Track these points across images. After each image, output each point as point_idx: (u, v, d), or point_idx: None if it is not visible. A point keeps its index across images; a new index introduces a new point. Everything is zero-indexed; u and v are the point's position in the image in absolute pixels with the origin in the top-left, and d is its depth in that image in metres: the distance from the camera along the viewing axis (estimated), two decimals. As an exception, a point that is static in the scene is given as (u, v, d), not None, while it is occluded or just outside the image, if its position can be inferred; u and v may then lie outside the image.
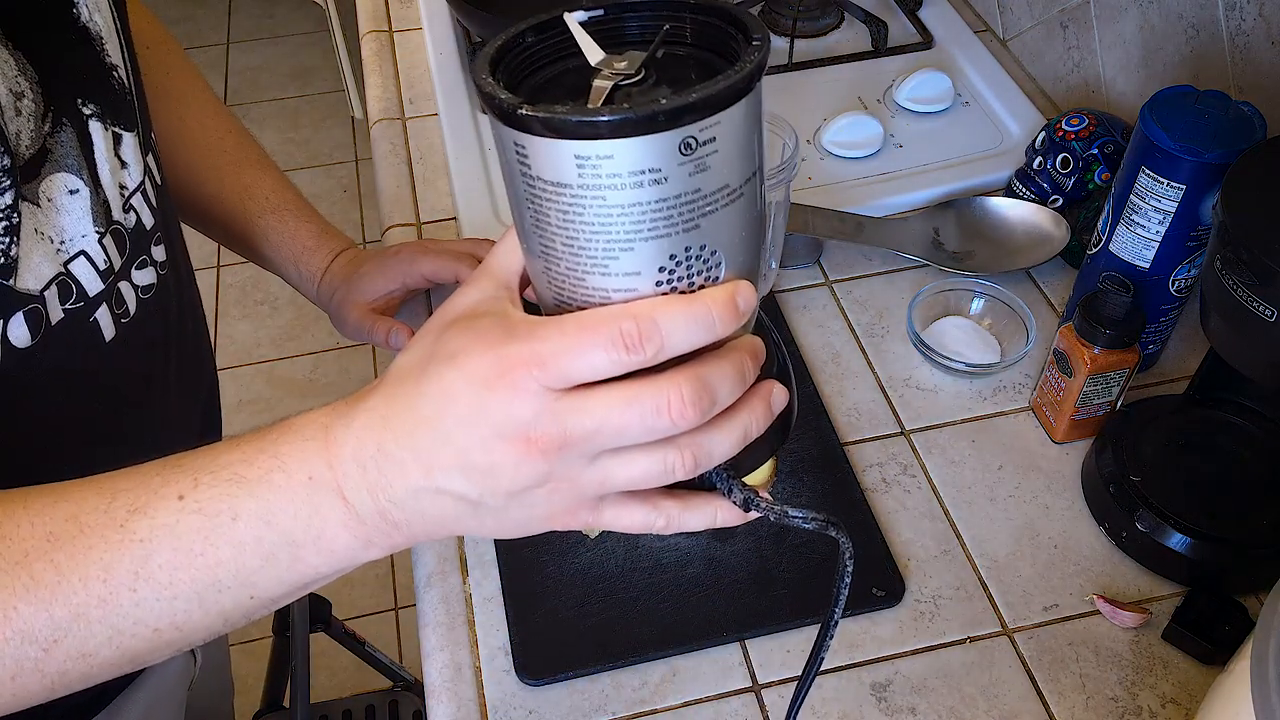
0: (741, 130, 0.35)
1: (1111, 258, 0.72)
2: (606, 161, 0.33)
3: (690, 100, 0.33)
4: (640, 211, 0.34)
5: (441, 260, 0.77)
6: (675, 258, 0.36)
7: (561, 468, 0.37)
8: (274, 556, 0.40)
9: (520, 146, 0.35)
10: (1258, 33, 0.76)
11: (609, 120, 0.32)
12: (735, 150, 0.35)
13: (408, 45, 1.12)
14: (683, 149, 0.34)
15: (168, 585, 0.39)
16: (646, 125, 0.33)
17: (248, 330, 2.14)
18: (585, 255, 0.36)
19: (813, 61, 1.06)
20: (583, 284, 0.37)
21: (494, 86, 0.35)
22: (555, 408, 0.36)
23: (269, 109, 2.69)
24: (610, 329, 0.36)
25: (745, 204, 0.37)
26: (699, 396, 0.37)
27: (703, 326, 0.36)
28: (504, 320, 0.38)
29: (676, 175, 0.34)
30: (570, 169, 0.34)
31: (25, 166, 0.48)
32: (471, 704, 0.62)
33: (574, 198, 0.35)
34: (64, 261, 0.51)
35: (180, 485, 0.40)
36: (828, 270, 0.87)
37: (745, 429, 0.40)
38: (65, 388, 0.55)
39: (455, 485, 0.38)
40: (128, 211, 0.56)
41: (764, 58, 0.35)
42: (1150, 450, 0.69)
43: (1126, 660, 0.63)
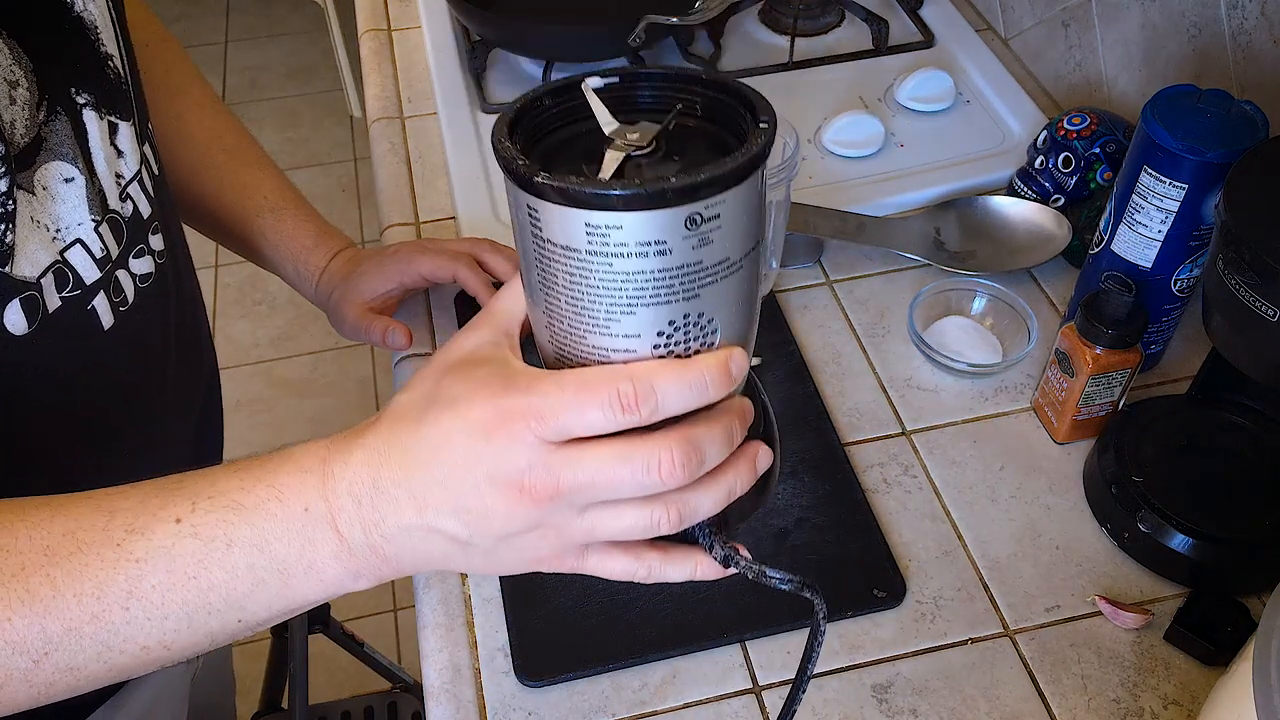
0: (744, 207, 0.37)
1: (1113, 257, 0.72)
2: (615, 231, 0.35)
3: (698, 180, 0.35)
4: (644, 279, 0.36)
5: (439, 260, 0.77)
6: (674, 324, 0.38)
7: (552, 516, 0.39)
8: (265, 583, 0.40)
9: (534, 210, 0.36)
10: (1260, 31, 0.75)
11: (620, 194, 0.34)
12: (738, 226, 0.37)
13: (406, 44, 1.11)
14: (688, 224, 0.35)
15: (159, 605, 0.40)
16: (656, 201, 0.35)
17: (246, 330, 2.13)
18: (588, 315, 0.38)
19: (813, 60, 1.06)
20: (584, 341, 0.39)
21: (512, 151, 0.36)
22: (550, 460, 0.38)
23: (267, 108, 2.68)
24: (609, 389, 0.37)
25: (744, 276, 0.39)
26: (688, 458, 0.38)
27: (696, 391, 0.38)
28: (504, 370, 0.40)
29: (680, 248, 0.36)
30: (580, 235, 0.36)
31: (20, 155, 0.48)
32: (471, 705, 0.61)
33: (581, 262, 0.36)
34: (60, 249, 0.51)
35: (178, 508, 0.40)
36: (829, 270, 0.87)
37: (730, 488, 0.41)
38: (64, 376, 0.55)
39: (447, 525, 0.39)
40: (124, 200, 0.56)
41: (770, 140, 0.37)
42: (1152, 451, 0.68)
43: (1128, 661, 0.63)
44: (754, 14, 1.12)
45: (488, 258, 0.79)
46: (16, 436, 0.54)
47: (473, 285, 0.78)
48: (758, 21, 1.11)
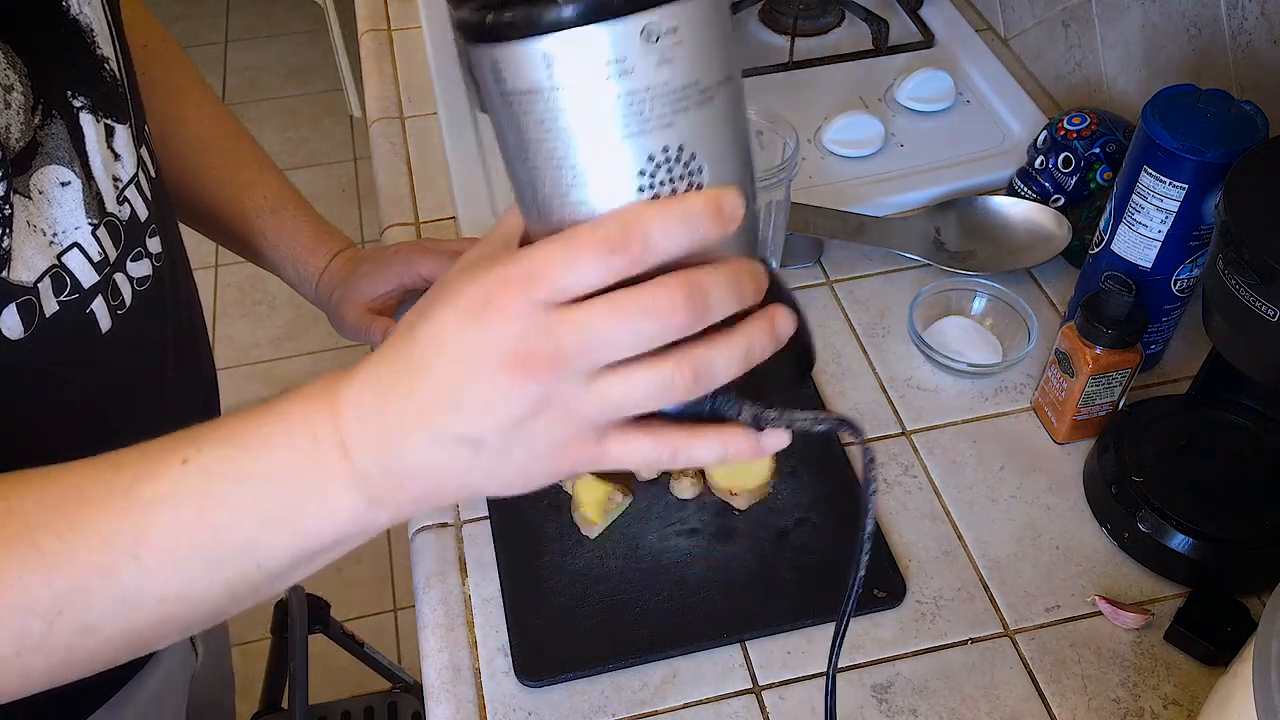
0: (705, 22, 0.36)
1: (1113, 257, 0.72)
2: (573, 54, 0.34)
3: None
4: (611, 107, 0.35)
5: (440, 260, 0.77)
6: (654, 159, 0.36)
7: (556, 389, 0.36)
8: (278, 519, 0.39)
9: (495, 64, 0.36)
10: (1260, 32, 0.75)
11: (569, 10, 0.34)
12: (701, 44, 0.36)
13: (406, 44, 1.11)
14: (644, 35, 0.35)
15: (170, 550, 0.39)
16: (606, 9, 0.34)
17: (246, 330, 2.13)
18: (565, 165, 0.37)
19: (813, 60, 1.06)
20: (567, 200, 0.37)
21: (466, 8, 0.35)
22: (544, 322, 0.36)
23: (267, 108, 2.68)
24: (595, 233, 0.35)
25: (721, 109, 0.37)
26: (690, 297, 0.36)
27: (685, 225, 0.36)
28: (495, 256, 0.38)
29: (642, 68, 0.35)
30: (540, 70, 0.35)
31: (16, 159, 0.48)
32: (470, 705, 0.61)
33: (546, 102, 0.36)
34: (57, 254, 0.51)
35: (184, 451, 0.39)
36: (828, 270, 0.87)
37: (747, 348, 0.38)
38: (62, 380, 0.54)
39: (453, 427, 0.37)
40: (122, 203, 0.56)
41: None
42: (1152, 451, 0.68)
43: (1128, 661, 0.63)
44: (754, 14, 1.12)
45: None
46: (14, 440, 0.53)
47: None
48: (758, 21, 1.11)
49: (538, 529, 0.69)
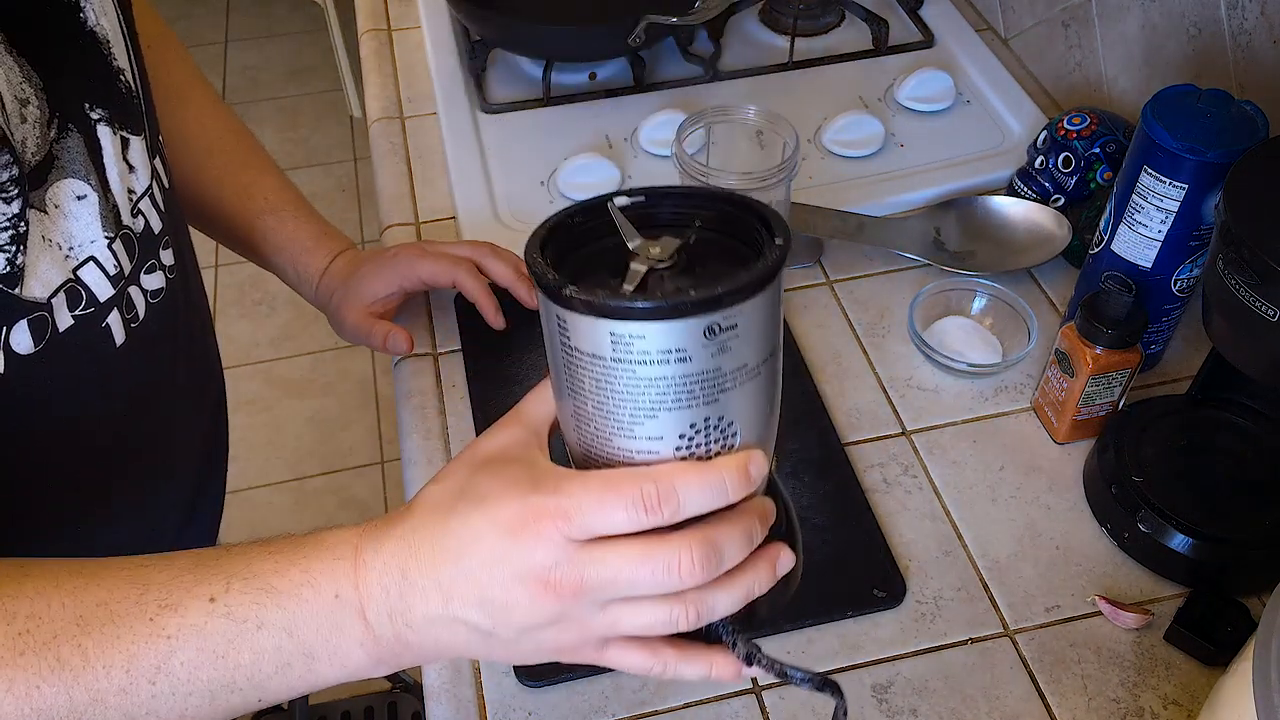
0: (761, 317, 0.39)
1: (1113, 257, 0.72)
2: (639, 340, 0.38)
3: (716, 293, 0.37)
4: (666, 385, 0.39)
5: (440, 264, 0.77)
6: (695, 426, 0.40)
7: (574, 611, 0.41)
8: (290, 666, 0.41)
9: (562, 320, 0.39)
10: (1260, 32, 0.75)
11: (643, 306, 0.37)
12: (755, 334, 0.39)
13: (406, 44, 1.11)
14: (707, 334, 0.38)
15: (186, 682, 0.41)
16: (676, 312, 0.37)
17: (246, 330, 2.13)
18: (614, 419, 0.40)
19: (813, 60, 1.06)
20: (610, 443, 0.41)
21: (543, 266, 0.39)
22: (575, 557, 0.39)
23: (267, 108, 2.68)
24: (632, 490, 0.39)
25: (764, 381, 0.41)
26: (707, 558, 0.40)
27: (717, 493, 0.40)
28: (532, 470, 0.41)
29: (700, 355, 0.38)
30: (606, 344, 0.38)
31: (32, 173, 0.48)
32: (470, 706, 0.61)
33: (606, 369, 0.39)
34: (73, 268, 0.51)
35: (212, 586, 0.41)
36: (828, 270, 0.87)
37: (749, 589, 0.42)
38: (76, 393, 0.54)
39: (471, 617, 0.41)
40: (136, 216, 0.56)
41: (784, 255, 0.39)
42: (1152, 451, 0.68)
43: (1128, 661, 0.63)
44: (754, 14, 1.12)
45: (488, 262, 0.79)
46: (29, 452, 0.53)
47: (472, 291, 0.78)
48: (758, 21, 1.11)
49: (538, 529, 0.69)
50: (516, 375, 0.78)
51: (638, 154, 0.96)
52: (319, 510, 1.83)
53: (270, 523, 1.81)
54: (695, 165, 0.74)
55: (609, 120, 0.99)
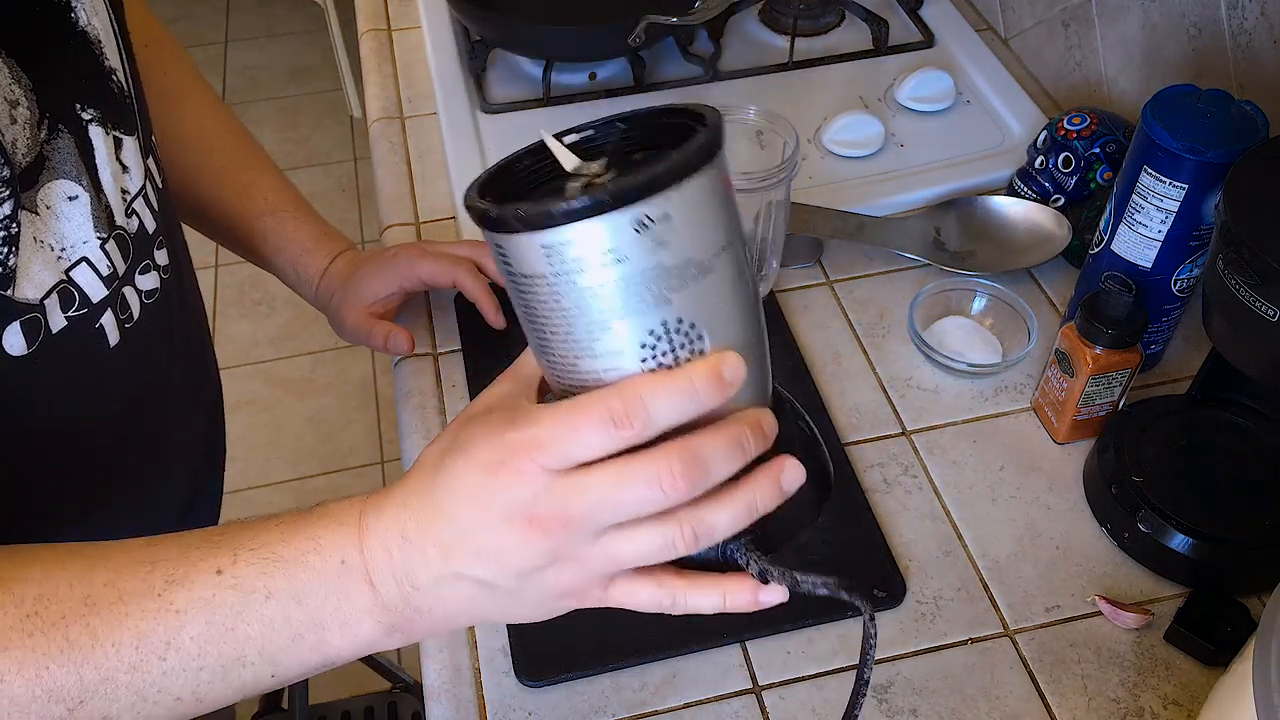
0: (698, 205, 0.37)
1: (1113, 257, 0.72)
2: (569, 247, 0.36)
3: (635, 181, 0.35)
4: (610, 291, 0.37)
5: (440, 264, 0.77)
6: (654, 333, 0.38)
7: (566, 545, 0.39)
8: (301, 637, 0.41)
9: (501, 248, 0.38)
10: (1260, 32, 0.75)
11: (564, 209, 0.35)
12: (695, 224, 0.37)
13: (406, 44, 1.11)
14: (637, 228, 0.36)
15: (196, 657, 0.41)
16: (597, 209, 0.35)
17: (246, 330, 2.13)
18: (572, 340, 0.39)
19: (813, 60, 1.06)
20: (576, 369, 0.40)
21: (474, 199, 0.38)
22: (554, 487, 0.38)
23: (267, 108, 2.68)
24: (599, 409, 0.38)
25: (720, 277, 0.39)
26: (689, 468, 0.38)
27: (686, 398, 0.38)
28: (511, 412, 0.41)
29: (636, 253, 0.36)
30: (541, 259, 0.37)
31: (23, 174, 0.48)
32: (470, 706, 0.61)
33: (550, 286, 0.37)
34: (65, 269, 0.51)
35: (219, 559, 0.41)
36: (828, 270, 0.87)
37: (749, 504, 0.40)
38: (69, 394, 0.54)
39: (471, 570, 0.40)
40: (130, 216, 0.56)
41: (710, 138, 0.37)
42: (1152, 451, 0.68)
43: (1128, 661, 0.63)
44: (754, 14, 1.12)
45: (488, 262, 0.79)
46: (25, 453, 0.53)
47: (473, 291, 0.78)
48: (758, 21, 1.11)
49: (538, 529, 0.69)
50: (516, 375, 0.78)
51: (638, 154, 0.96)
52: (319, 510, 1.83)
53: (270, 523, 1.81)
54: (695, 165, 0.74)
55: (609, 120, 0.99)
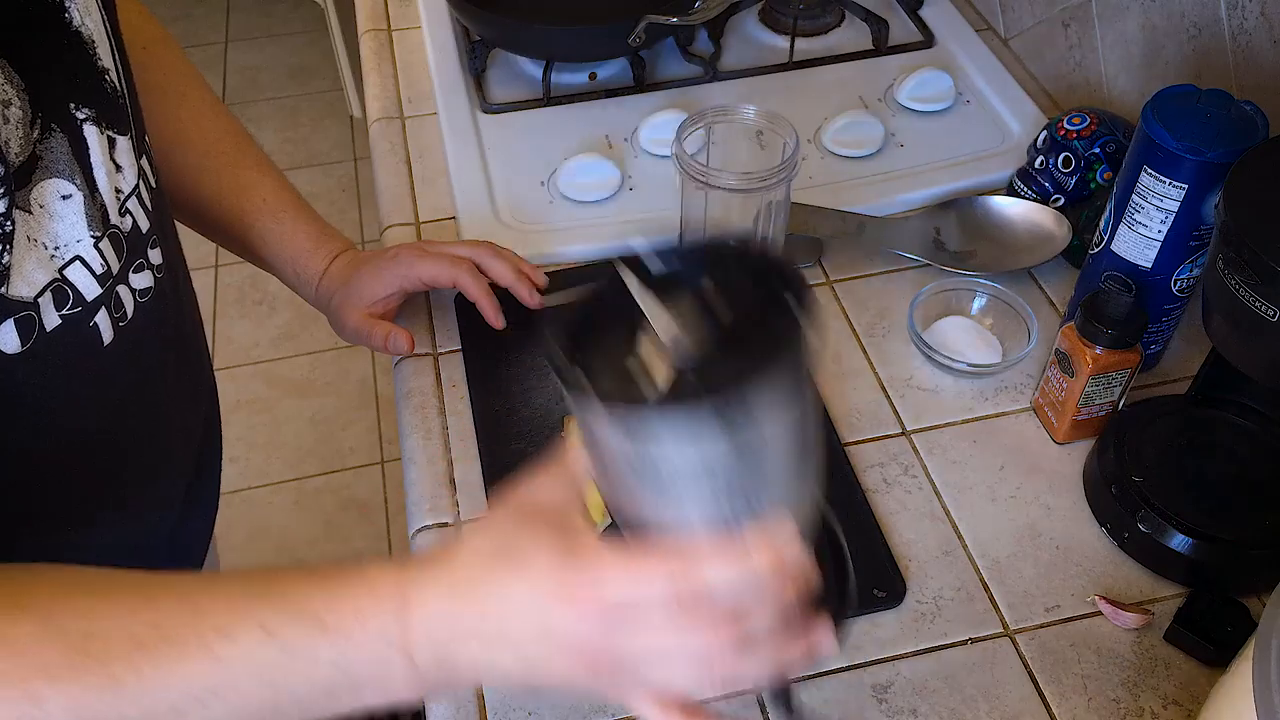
0: (781, 398, 0.39)
1: (1113, 257, 0.72)
2: (657, 437, 0.39)
3: (732, 390, 0.37)
4: (684, 467, 0.39)
5: (440, 265, 0.77)
6: (722, 500, 0.41)
7: (608, 676, 0.44)
8: (338, 695, 0.44)
9: (585, 416, 0.41)
10: (1260, 32, 0.75)
11: (655, 412, 0.38)
12: (774, 413, 0.39)
13: (406, 44, 1.11)
14: (724, 426, 0.38)
15: (237, 706, 0.43)
16: (691, 411, 0.38)
17: (246, 330, 2.13)
18: (641, 499, 0.42)
19: (813, 60, 1.06)
20: (639, 513, 0.43)
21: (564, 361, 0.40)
22: (608, 631, 0.42)
23: (267, 108, 2.68)
24: (663, 570, 0.41)
25: (789, 448, 0.41)
26: (739, 651, 0.42)
27: (746, 579, 0.41)
28: (569, 537, 0.43)
29: (715, 440, 0.38)
30: (626, 440, 0.39)
31: (16, 173, 0.48)
32: (470, 705, 0.61)
33: (630, 461, 0.40)
34: (59, 267, 0.51)
35: (263, 615, 0.43)
36: (829, 270, 0.87)
37: (780, 667, 0.45)
38: (63, 393, 0.54)
39: (510, 666, 0.44)
40: (124, 215, 0.56)
41: (803, 344, 0.39)
42: (1152, 451, 0.68)
43: (1128, 661, 0.63)
44: (754, 14, 1.12)
45: (488, 262, 0.79)
46: (20, 452, 0.53)
47: (473, 292, 0.78)
48: (758, 21, 1.11)
49: (538, 529, 0.69)
50: (517, 375, 0.78)
51: (638, 154, 0.96)
52: (319, 510, 1.83)
53: (270, 522, 1.81)
54: (695, 165, 0.74)
55: (609, 120, 0.99)
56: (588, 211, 0.91)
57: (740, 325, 0.42)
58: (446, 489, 0.72)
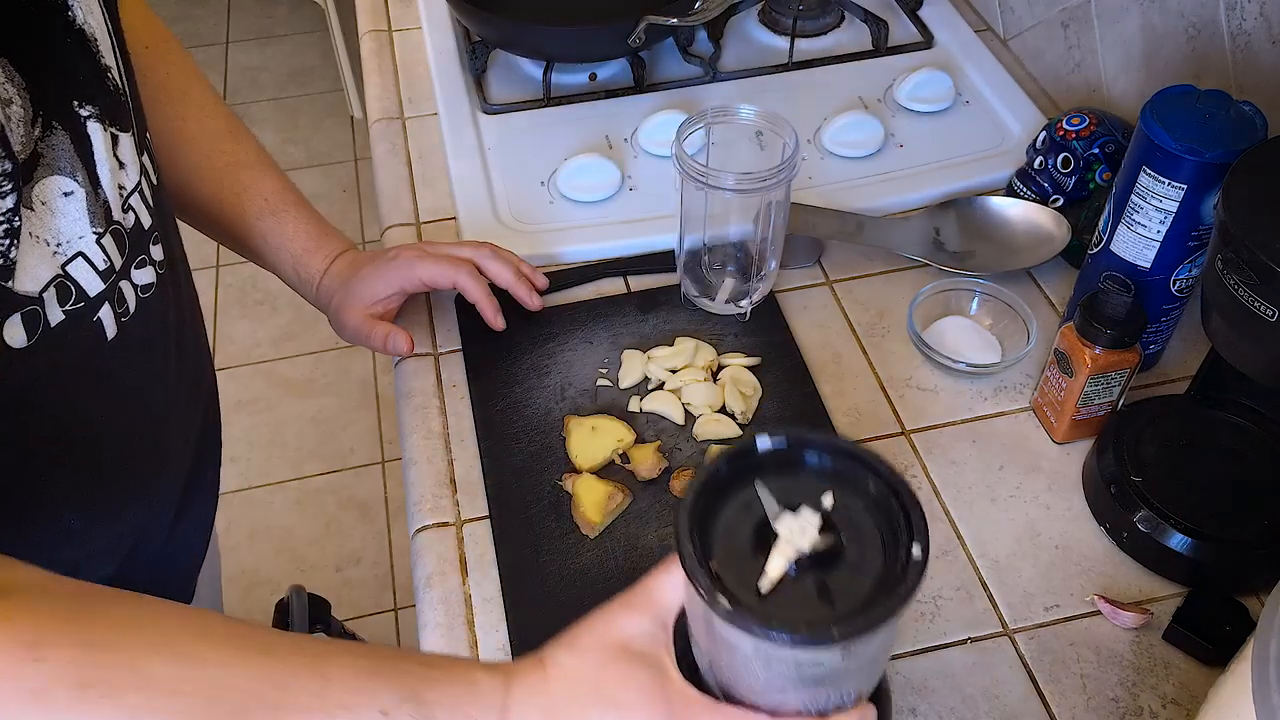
0: (889, 627, 0.44)
1: (1112, 257, 0.72)
2: (778, 650, 0.43)
3: (855, 628, 0.42)
4: (798, 674, 0.45)
5: (440, 266, 0.77)
6: (819, 696, 0.46)
7: None
8: None
9: (711, 618, 0.44)
10: (1259, 32, 0.75)
11: (789, 637, 0.42)
12: (881, 639, 0.45)
13: (407, 44, 1.12)
14: (840, 651, 0.43)
15: None
16: (816, 642, 0.42)
17: (247, 330, 2.14)
18: (744, 678, 0.46)
19: (813, 61, 1.06)
20: (738, 685, 0.47)
21: (695, 564, 0.43)
22: None
23: (268, 109, 2.68)
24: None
25: (882, 651, 0.47)
26: None
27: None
28: (663, 686, 0.47)
29: (832, 661, 0.44)
30: (747, 641, 0.43)
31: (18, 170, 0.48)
32: (471, 705, 0.62)
33: (745, 656, 0.44)
34: (61, 263, 0.51)
35: (384, 699, 0.46)
36: (828, 270, 0.87)
37: None
38: (66, 387, 0.55)
39: None
40: (126, 211, 0.56)
41: (918, 584, 0.43)
42: (1151, 450, 0.68)
43: (1127, 661, 0.63)
44: (754, 15, 1.12)
45: (488, 263, 0.79)
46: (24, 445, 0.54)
47: (473, 293, 0.78)
48: (757, 22, 1.11)
49: (538, 529, 0.69)
50: (517, 375, 0.78)
51: (638, 154, 0.96)
52: (320, 509, 1.83)
53: (271, 522, 1.81)
54: (695, 165, 0.74)
55: (609, 121, 0.99)
56: (588, 212, 0.91)
57: (864, 552, 0.45)
58: (447, 489, 0.72)
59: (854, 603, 0.43)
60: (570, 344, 0.81)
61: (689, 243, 0.81)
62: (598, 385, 0.78)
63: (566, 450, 0.73)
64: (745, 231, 0.80)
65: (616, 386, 0.78)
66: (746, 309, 0.82)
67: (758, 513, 0.46)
